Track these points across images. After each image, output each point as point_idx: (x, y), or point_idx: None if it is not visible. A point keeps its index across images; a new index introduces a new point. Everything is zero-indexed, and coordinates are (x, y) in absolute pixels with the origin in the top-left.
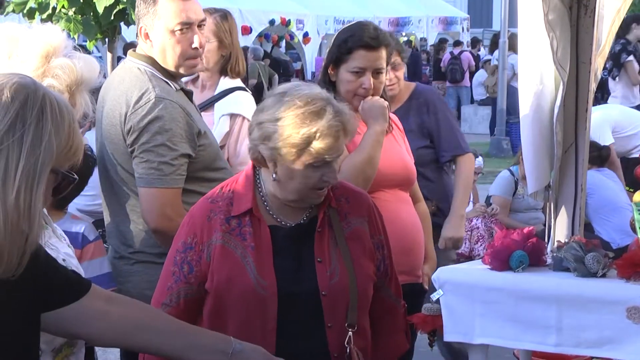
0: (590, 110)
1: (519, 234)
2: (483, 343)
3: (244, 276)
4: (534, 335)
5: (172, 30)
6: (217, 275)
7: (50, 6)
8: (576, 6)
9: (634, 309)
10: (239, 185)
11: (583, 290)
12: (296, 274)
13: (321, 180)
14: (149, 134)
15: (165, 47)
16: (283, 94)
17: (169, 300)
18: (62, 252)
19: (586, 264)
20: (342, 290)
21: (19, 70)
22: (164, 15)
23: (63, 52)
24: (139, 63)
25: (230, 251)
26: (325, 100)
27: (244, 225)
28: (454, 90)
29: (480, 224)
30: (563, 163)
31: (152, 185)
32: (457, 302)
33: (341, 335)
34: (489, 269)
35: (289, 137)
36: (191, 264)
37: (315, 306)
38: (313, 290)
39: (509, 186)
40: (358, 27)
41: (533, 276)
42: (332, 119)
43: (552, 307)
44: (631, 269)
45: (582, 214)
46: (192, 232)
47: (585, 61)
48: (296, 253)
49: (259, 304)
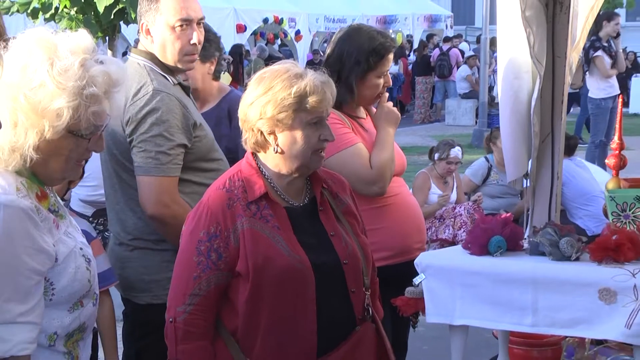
0: (566, 102)
1: (497, 220)
2: (463, 324)
3: (280, 254)
4: (511, 317)
5: (172, 26)
6: (252, 258)
7: (52, 6)
8: (552, 3)
9: (605, 290)
10: (246, 173)
11: (557, 273)
12: (318, 248)
13: (320, 140)
14: (147, 125)
15: (165, 43)
16: (261, 74)
17: (198, 289)
18: (79, 241)
19: (560, 248)
20: (356, 258)
21: (62, 80)
22: (165, 12)
23: (94, 56)
24: (139, 58)
25: (260, 233)
26: (299, 66)
27: (263, 209)
28: (442, 85)
29: (463, 212)
30: (540, 152)
31: (150, 173)
32: (439, 285)
33: (361, 298)
34: (468, 254)
35: (283, 100)
36: (219, 251)
37: (339, 274)
38: (336, 260)
39: (479, 171)
40: (377, 34)
41: (510, 260)
42: (314, 76)
43: (528, 290)
44: (603, 253)
45: (558, 201)
46: (214, 222)
47: (560, 55)
48: (311, 229)
49: (298, 277)
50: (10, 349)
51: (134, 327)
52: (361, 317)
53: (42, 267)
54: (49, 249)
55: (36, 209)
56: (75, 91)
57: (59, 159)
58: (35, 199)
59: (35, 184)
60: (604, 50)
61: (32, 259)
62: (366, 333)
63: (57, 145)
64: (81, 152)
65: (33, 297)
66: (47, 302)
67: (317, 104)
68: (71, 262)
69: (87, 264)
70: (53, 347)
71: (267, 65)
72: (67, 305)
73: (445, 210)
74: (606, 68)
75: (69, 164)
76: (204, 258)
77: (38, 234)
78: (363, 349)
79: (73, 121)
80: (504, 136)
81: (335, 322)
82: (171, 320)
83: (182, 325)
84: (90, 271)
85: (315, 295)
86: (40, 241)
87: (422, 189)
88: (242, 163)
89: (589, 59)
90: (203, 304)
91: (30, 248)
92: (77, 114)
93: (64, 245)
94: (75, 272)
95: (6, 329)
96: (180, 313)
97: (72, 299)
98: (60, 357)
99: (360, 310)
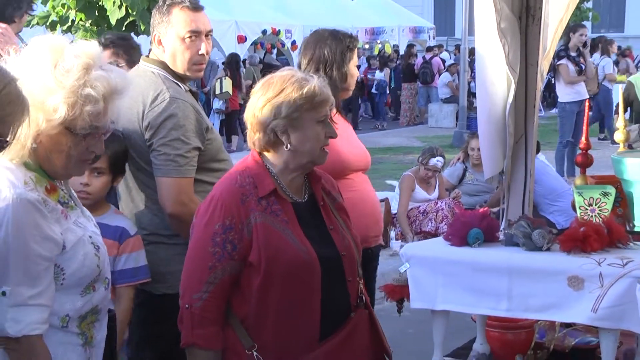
0: (538, 105)
1: (475, 214)
2: (444, 309)
3: (290, 246)
4: (488, 302)
5: (182, 37)
6: (264, 249)
7: (69, 19)
8: (525, 16)
9: (574, 278)
10: (254, 170)
11: (530, 263)
12: (320, 241)
13: (325, 137)
14: (166, 130)
15: (176, 52)
16: (268, 79)
17: (213, 278)
18: (89, 230)
19: (533, 239)
20: (351, 250)
21: (62, 79)
22: (176, 24)
23: (99, 64)
24: (152, 67)
25: (271, 227)
26: (300, 71)
27: (272, 204)
28: (425, 90)
29: (444, 206)
30: (514, 152)
31: (169, 175)
32: (422, 274)
33: (355, 287)
34: (449, 245)
35: (296, 100)
36: (234, 242)
37: (339, 265)
38: (336, 252)
39: (455, 172)
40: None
41: (487, 251)
42: (318, 79)
43: (503, 278)
44: (571, 243)
45: (531, 196)
46: (229, 215)
47: (532, 64)
48: (313, 223)
49: (306, 267)
50: (22, 329)
51: (147, 314)
52: (356, 304)
53: (50, 254)
54: (55, 237)
55: (43, 201)
56: (73, 90)
57: (61, 156)
58: (44, 192)
59: (44, 179)
60: (569, 59)
61: (39, 246)
62: (361, 318)
63: (57, 141)
64: (81, 150)
65: (42, 282)
66: (58, 287)
67: (324, 104)
68: (80, 249)
69: (96, 250)
70: (66, 328)
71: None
72: (79, 289)
73: (428, 205)
74: (569, 75)
75: (70, 161)
76: (219, 249)
77: (45, 224)
78: (359, 333)
79: (69, 117)
80: (481, 137)
81: (336, 309)
82: (187, 307)
83: (199, 311)
84: (99, 257)
85: (320, 285)
86: (47, 230)
87: (407, 190)
88: (249, 161)
89: (554, 66)
90: (217, 291)
91: (38, 236)
92: (73, 111)
93: (73, 233)
94: (84, 259)
95: (18, 311)
96: (196, 300)
97: (83, 283)
98: (73, 337)
99: (355, 297)
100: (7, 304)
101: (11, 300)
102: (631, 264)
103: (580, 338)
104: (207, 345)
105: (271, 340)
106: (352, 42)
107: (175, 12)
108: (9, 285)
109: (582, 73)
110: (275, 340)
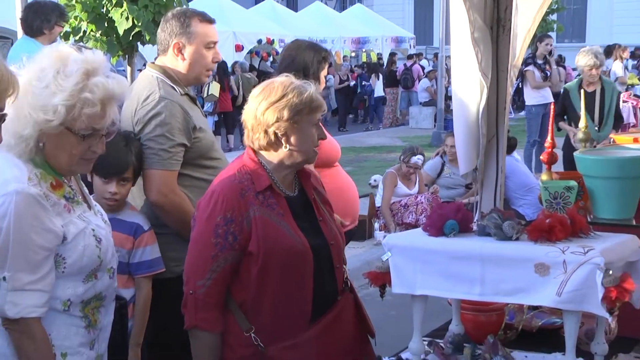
0: (508, 108)
1: (451, 207)
2: (423, 294)
3: (285, 237)
4: (463, 287)
5: (205, 46)
6: (263, 240)
7: (81, 30)
8: (496, 27)
9: (540, 265)
10: (251, 167)
11: (501, 251)
12: (312, 231)
13: (317, 139)
14: (152, 126)
15: (197, 60)
16: (269, 85)
17: (215, 266)
18: (93, 223)
19: (503, 230)
20: (338, 239)
21: (63, 83)
22: (199, 34)
23: (102, 72)
24: (153, 71)
25: (268, 219)
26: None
27: (268, 198)
28: (406, 94)
29: (423, 200)
30: (487, 151)
31: (153, 167)
32: (402, 261)
33: (342, 273)
34: (427, 235)
35: (297, 105)
36: (235, 233)
37: (327, 253)
38: (325, 242)
39: (434, 166)
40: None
41: (462, 240)
42: (313, 86)
43: (476, 265)
44: (538, 233)
45: (501, 191)
46: (230, 208)
47: (503, 70)
48: (305, 216)
49: (300, 256)
50: (19, 311)
51: None
52: (342, 288)
53: (49, 244)
54: (55, 229)
55: (45, 196)
56: (72, 93)
57: (64, 154)
58: (48, 188)
59: (50, 175)
60: (535, 66)
61: (39, 237)
62: (347, 301)
63: (60, 141)
64: (82, 150)
65: (41, 269)
66: (59, 274)
67: (319, 109)
68: (80, 241)
69: (98, 242)
70: (68, 312)
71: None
72: (80, 276)
73: (409, 199)
74: (535, 81)
75: (73, 159)
76: (221, 240)
77: (46, 216)
78: (345, 315)
79: (69, 119)
80: (457, 137)
81: (325, 293)
82: (191, 292)
83: (202, 297)
84: (100, 249)
85: (312, 272)
86: (47, 222)
87: (390, 185)
88: (244, 159)
89: (522, 72)
90: (219, 279)
91: (38, 227)
92: (72, 113)
93: (75, 226)
94: (84, 249)
95: (17, 295)
96: (199, 287)
97: (84, 271)
98: (76, 320)
99: (341, 282)
100: (7, 288)
101: (10, 285)
102: (592, 252)
103: (546, 319)
104: (208, 328)
105: (267, 322)
106: (327, 55)
107: (195, 23)
108: (9, 272)
109: (547, 79)
110: (270, 323)
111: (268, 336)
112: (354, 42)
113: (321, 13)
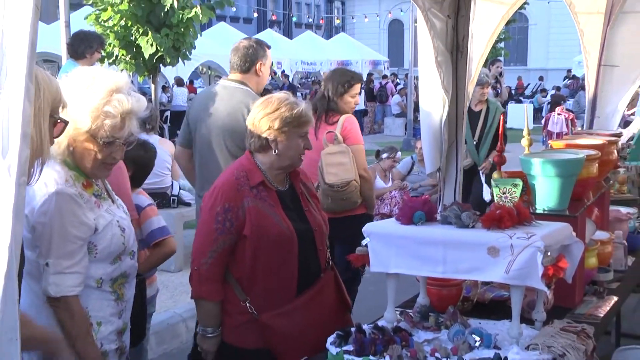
0: (466, 119)
1: (419, 200)
2: (396, 272)
3: (274, 223)
4: (428, 266)
5: (269, 66)
6: (256, 226)
7: (114, 54)
8: (455, 52)
9: (492, 248)
10: (247, 166)
11: (460, 237)
12: (298, 219)
13: (303, 148)
14: None
15: (266, 75)
16: (267, 99)
17: (216, 247)
18: (117, 216)
19: (462, 219)
20: (321, 226)
21: (90, 97)
22: (268, 57)
23: (125, 90)
24: (240, 85)
25: (260, 209)
26: (292, 95)
27: (261, 192)
28: (381, 108)
29: (396, 194)
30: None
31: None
32: (379, 245)
33: (324, 254)
34: (400, 224)
35: (287, 118)
36: (232, 220)
37: (311, 237)
38: (310, 228)
39: (406, 165)
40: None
41: (428, 228)
42: (305, 104)
43: (439, 248)
44: (490, 222)
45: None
46: (228, 200)
47: (461, 87)
48: (293, 206)
49: (286, 240)
50: (60, 290)
51: None
52: (324, 267)
53: (84, 235)
54: (89, 222)
55: (80, 195)
56: (97, 107)
57: (89, 158)
58: (81, 187)
59: (82, 177)
60: None
61: (76, 229)
62: (328, 278)
63: (86, 147)
64: (105, 155)
65: (77, 255)
66: (92, 258)
67: (307, 124)
68: (108, 231)
69: (122, 232)
70: (101, 288)
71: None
72: (109, 259)
73: (385, 193)
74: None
75: (95, 163)
76: (220, 225)
77: (81, 212)
78: (326, 289)
79: (93, 128)
80: (424, 142)
81: (309, 271)
82: (196, 269)
83: (205, 272)
84: (124, 237)
85: (297, 252)
86: (82, 217)
87: None
88: (243, 160)
89: None
90: (219, 257)
91: (75, 222)
92: (96, 123)
93: (103, 219)
94: (112, 238)
95: (58, 277)
96: (203, 264)
97: (112, 255)
98: (107, 294)
99: (323, 262)
100: (50, 272)
101: (52, 269)
102: (534, 237)
103: (496, 292)
104: (210, 298)
105: (260, 294)
106: (354, 79)
107: (267, 49)
108: (51, 259)
109: (498, 95)
110: (263, 294)
111: (261, 305)
112: (339, 64)
113: (311, 40)
